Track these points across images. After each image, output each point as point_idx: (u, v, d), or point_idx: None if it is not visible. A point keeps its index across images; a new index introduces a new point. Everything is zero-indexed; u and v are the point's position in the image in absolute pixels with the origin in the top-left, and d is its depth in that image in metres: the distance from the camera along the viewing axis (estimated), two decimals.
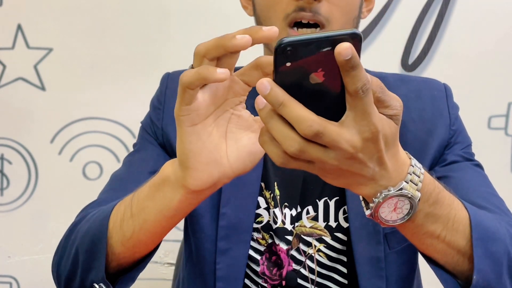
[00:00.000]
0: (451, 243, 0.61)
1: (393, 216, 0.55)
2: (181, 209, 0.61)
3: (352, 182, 0.52)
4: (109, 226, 0.67)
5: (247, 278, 0.87)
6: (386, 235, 0.82)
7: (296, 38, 0.46)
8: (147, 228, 0.64)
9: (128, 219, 0.65)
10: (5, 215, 1.64)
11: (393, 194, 0.52)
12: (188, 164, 0.55)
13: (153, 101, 0.93)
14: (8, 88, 1.60)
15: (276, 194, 0.85)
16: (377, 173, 0.51)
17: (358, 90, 0.45)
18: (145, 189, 0.64)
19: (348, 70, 0.45)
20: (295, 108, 0.46)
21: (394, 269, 0.83)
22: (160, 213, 0.62)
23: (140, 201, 0.64)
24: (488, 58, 1.53)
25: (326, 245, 0.85)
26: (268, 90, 0.46)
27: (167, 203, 0.60)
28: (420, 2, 1.55)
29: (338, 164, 0.49)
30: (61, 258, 0.75)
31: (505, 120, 1.56)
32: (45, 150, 1.61)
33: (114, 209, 0.69)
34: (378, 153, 0.49)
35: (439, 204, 0.58)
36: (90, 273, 0.69)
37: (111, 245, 0.67)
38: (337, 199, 0.85)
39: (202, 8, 1.55)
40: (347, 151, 0.48)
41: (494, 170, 0.95)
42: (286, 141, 0.47)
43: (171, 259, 1.63)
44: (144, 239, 0.66)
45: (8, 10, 1.57)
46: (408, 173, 0.53)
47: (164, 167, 0.61)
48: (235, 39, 0.50)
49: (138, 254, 0.69)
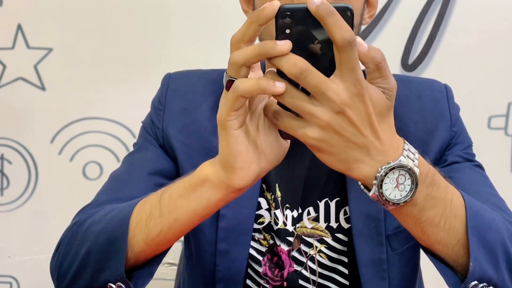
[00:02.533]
0: (451, 231, 0.62)
1: (397, 194, 0.56)
2: (217, 208, 0.63)
3: (351, 158, 0.54)
4: (131, 225, 0.67)
5: (249, 279, 0.87)
6: (388, 236, 0.82)
7: (294, 6, 0.50)
8: (176, 227, 0.65)
9: (156, 218, 0.65)
10: (5, 215, 1.64)
11: (394, 166, 0.54)
12: (235, 165, 0.57)
13: (154, 102, 0.93)
14: (8, 88, 1.60)
15: (277, 195, 0.85)
16: (373, 145, 0.53)
17: (344, 40, 0.48)
18: (178, 189, 0.64)
19: (325, 18, 0.48)
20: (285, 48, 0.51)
21: (396, 270, 0.83)
22: (194, 212, 0.63)
23: (172, 200, 0.64)
24: (488, 58, 1.53)
25: (327, 246, 0.85)
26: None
27: (205, 203, 0.61)
28: (420, 2, 1.55)
29: (327, 118, 0.51)
30: (64, 259, 0.74)
31: (505, 120, 1.56)
32: (45, 150, 1.62)
33: (137, 207, 0.69)
34: (368, 116, 0.52)
35: (436, 186, 0.59)
36: (104, 273, 0.69)
37: (132, 244, 0.67)
38: (338, 200, 0.85)
39: (202, 8, 1.55)
40: (335, 102, 0.51)
41: (494, 170, 0.95)
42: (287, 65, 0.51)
43: (171, 259, 1.63)
44: (171, 237, 0.67)
45: (8, 10, 1.57)
46: (403, 149, 0.55)
47: (203, 168, 0.62)
48: (278, 45, 0.51)
49: (157, 252, 0.70)
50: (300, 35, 0.51)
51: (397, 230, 0.83)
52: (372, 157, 0.54)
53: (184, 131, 0.87)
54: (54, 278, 0.77)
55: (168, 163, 0.87)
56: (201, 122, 0.86)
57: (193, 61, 1.48)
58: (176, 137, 0.87)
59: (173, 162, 0.87)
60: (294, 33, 0.51)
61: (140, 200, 0.70)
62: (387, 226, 0.82)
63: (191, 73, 0.95)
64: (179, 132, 0.87)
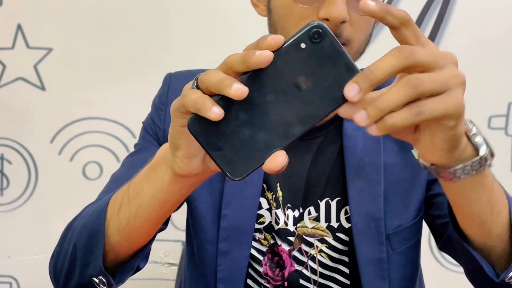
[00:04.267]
0: (495, 219, 0.62)
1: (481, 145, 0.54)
2: (172, 193, 0.61)
3: (459, 135, 0.50)
4: (107, 216, 0.68)
5: (250, 279, 0.87)
6: (388, 236, 0.83)
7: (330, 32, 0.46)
8: (141, 214, 0.64)
9: (125, 205, 0.66)
10: (5, 215, 1.64)
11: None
12: (176, 153, 0.56)
13: (155, 102, 0.93)
14: (8, 88, 1.60)
15: (278, 195, 0.85)
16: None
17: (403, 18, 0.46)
18: (142, 172, 0.64)
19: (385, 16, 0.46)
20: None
21: (396, 270, 0.83)
22: (154, 196, 0.62)
23: (137, 184, 0.65)
24: (488, 58, 1.53)
25: (328, 246, 0.85)
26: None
27: (160, 185, 0.61)
28: (420, 2, 1.55)
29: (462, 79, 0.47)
30: (57, 260, 0.75)
31: (505, 120, 1.56)
32: (45, 150, 1.61)
33: (112, 198, 0.69)
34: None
35: (484, 175, 0.58)
36: (89, 268, 0.69)
37: (108, 235, 0.67)
38: (338, 199, 0.85)
39: (202, 8, 1.55)
40: (451, 59, 0.47)
41: (494, 170, 0.95)
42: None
43: (171, 259, 1.63)
44: (139, 227, 0.66)
45: (8, 10, 1.57)
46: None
47: (160, 149, 0.61)
48: (256, 56, 0.46)
49: (134, 245, 0.69)
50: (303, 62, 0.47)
51: (397, 229, 0.83)
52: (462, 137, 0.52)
53: None
54: (51, 278, 0.77)
55: None
56: None
57: (193, 61, 1.48)
58: None
59: None
60: (303, 54, 0.46)
61: (116, 191, 0.70)
62: (387, 226, 0.82)
63: (193, 73, 0.95)
64: None
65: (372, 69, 0.44)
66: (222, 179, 0.84)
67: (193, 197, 0.85)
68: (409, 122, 0.45)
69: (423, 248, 0.92)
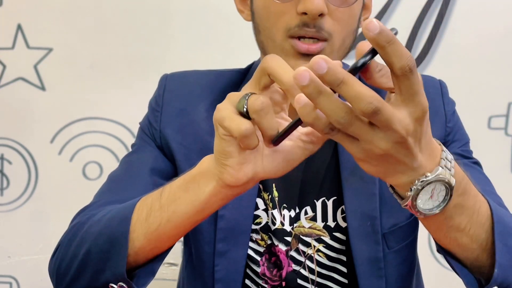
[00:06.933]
0: (474, 237, 0.61)
1: (429, 205, 0.53)
2: (212, 203, 0.62)
3: (391, 171, 0.51)
4: (132, 221, 0.68)
5: (248, 279, 0.87)
6: (384, 234, 0.82)
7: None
8: (175, 220, 0.65)
9: (156, 211, 0.66)
10: (5, 215, 1.64)
11: (431, 180, 0.51)
12: (226, 162, 0.57)
13: (151, 103, 0.93)
14: (8, 88, 1.60)
15: (274, 195, 0.85)
16: (416, 159, 0.50)
17: (405, 68, 0.44)
18: (178, 181, 0.65)
19: (384, 46, 0.44)
20: (356, 86, 0.45)
21: (393, 268, 0.83)
22: (191, 204, 0.63)
23: (172, 192, 0.65)
24: (488, 58, 1.53)
25: (325, 245, 0.85)
26: (325, 69, 0.44)
27: (200, 194, 0.61)
28: (420, 2, 1.54)
29: (385, 147, 0.48)
30: (62, 260, 0.74)
31: (505, 120, 1.56)
32: (45, 150, 1.62)
33: (139, 203, 0.69)
34: (421, 137, 0.49)
35: (467, 194, 0.58)
36: (104, 274, 0.68)
37: (132, 239, 0.67)
38: (335, 199, 0.85)
39: (202, 8, 1.55)
40: (399, 133, 0.47)
41: (494, 170, 0.95)
42: (335, 115, 0.46)
43: (171, 259, 1.63)
44: (169, 232, 0.66)
45: (8, 10, 1.58)
46: (441, 158, 0.52)
47: (203, 161, 0.62)
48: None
49: (157, 250, 0.69)
50: None
51: (393, 228, 0.83)
52: (412, 169, 0.50)
53: (182, 132, 0.87)
54: (53, 279, 0.76)
55: (166, 164, 0.87)
56: (198, 122, 0.86)
57: (193, 61, 1.48)
58: (173, 138, 0.87)
59: (171, 163, 0.87)
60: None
61: (143, 196, 0.70)
62: (383, 225, 0.82)
63: (188, 74, 0.95)
64: (176, 133, 0.87)
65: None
66: None
67: None
68: (318, 129, 0.48)
69: (423, 248, 0.92)
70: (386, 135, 0.47)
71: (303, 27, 0.74)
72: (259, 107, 0.52)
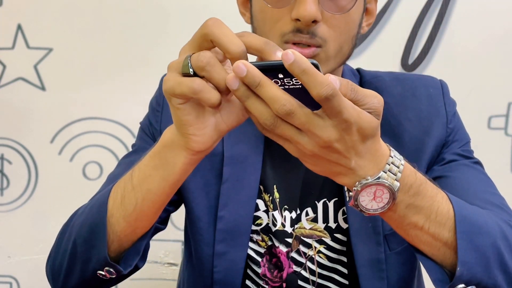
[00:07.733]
0: (436, 235, 0.63)
1: (374, 205, 0.58)
2: (185, 172, 0.63)
3: (331, 171, 0.56)
4: (109, 206, 0.68)
5: (249, 280, 0.87)
6: (386, 236, 0.82)
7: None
8: (150, 197, 0.66)
9: (129, 193, 0.67)
10: (5, 215, 1.64)
11: (370, 183, 0.55)
12: (188, 131, 0.58)
13: (152, 103, 0.93)
14: (8, 88, 1.60)
15: (275, 197, 0.85)
16: (355, 162, 0.54)
17: (320, 96, 0.48)
18: (145, 159, 0.65)
19: (299, 75, 0.48)
20: (271, 88, 0.50)
21: (394, 270, 0.83)
22: (164, 180, 0.63)
23: (141, 172, 0.65)
24: (488, 58, 1.53)
25: (326, 246, 0.85)
26: (245, 72, 0.49)
27: (171, 168, 0.62)
28: (420, 2, 1.54)
29: (312, 149, 0.53)
30: (55, 259, 0.75)
31: (505, 120, 1.56)
32: (45, 150, 1.61)
33: (113, 189, 0.70)
34: (355, 145, 0.53)
35: (421, 195, 0.60)
36: (91, 263, 0.69)
37: (112, 223, 0.68)
38: (336, 200, 0.85)
39: (202, 8, 1.55)
40: (321, 138, 0.51)
41: (494, 170, 0.95)
42: (262, 116, 0.51)
43: (171, 259, 1.63)
44: (147, 210, 0.67)
45: (8, 10, 1.57)
46: (386, 163, 0.56)
47: (164, 134, 0.62)
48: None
49: (139, 230, 0.70)
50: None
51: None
52: (352, 171, 0.55)
53: None
54: (49, 279, 0.77)
55: None
56: None
57: None
58: None
59: None
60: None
61: (115, 183, 0.70)
62: (384, 226, 0.82)
63: None
64: None
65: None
66: (218, 181, 0.84)
67: (189, 198, 0.85)
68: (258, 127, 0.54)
69: None
70: (310, 139, 0.52)
71: (297, 33, 0.74)
72: (205, 62, 0.52)
